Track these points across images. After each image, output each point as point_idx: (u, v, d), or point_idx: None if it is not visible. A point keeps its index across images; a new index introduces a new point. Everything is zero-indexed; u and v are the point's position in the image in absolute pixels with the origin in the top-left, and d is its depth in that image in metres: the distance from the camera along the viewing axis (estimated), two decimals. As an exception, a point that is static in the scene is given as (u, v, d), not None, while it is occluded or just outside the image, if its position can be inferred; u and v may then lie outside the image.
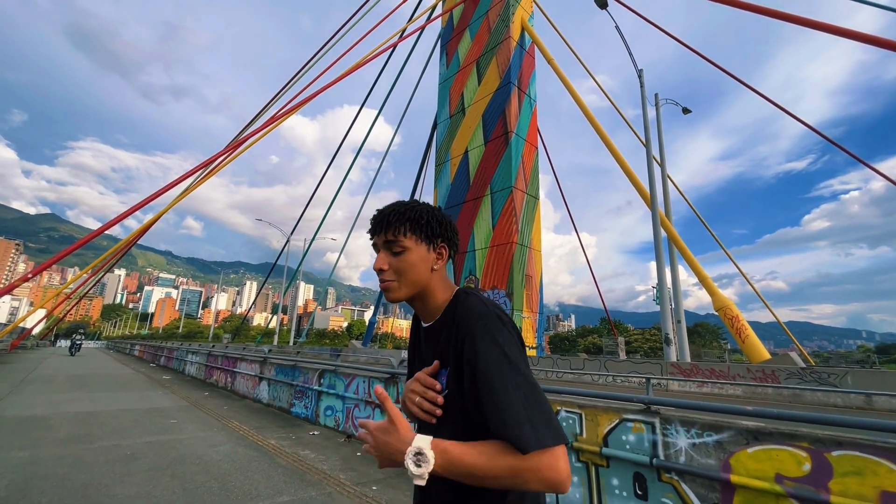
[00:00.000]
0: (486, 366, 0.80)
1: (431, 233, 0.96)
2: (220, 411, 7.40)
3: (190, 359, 14.22)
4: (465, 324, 0.87)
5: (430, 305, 0.97)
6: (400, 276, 0.93)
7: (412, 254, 0.93)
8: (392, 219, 0.94)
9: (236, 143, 15.23)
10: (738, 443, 2.54)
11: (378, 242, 0.96)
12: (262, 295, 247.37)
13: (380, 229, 0.95)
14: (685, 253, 15.59)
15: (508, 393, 0.77)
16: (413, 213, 0.95)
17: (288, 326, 48.70)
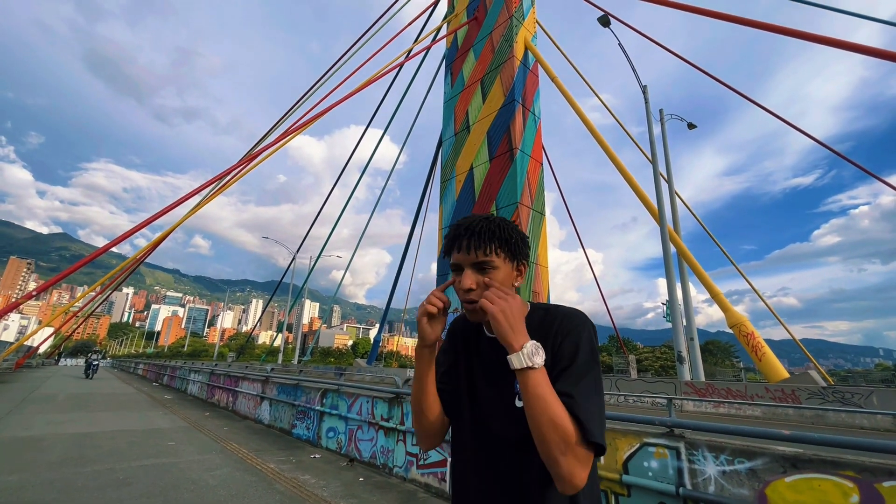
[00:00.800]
0: (585, 365, 0.87)
1: (517, 251, 0.96)
2: (220, 432, 7.18)
3: (192, 378, 14.03)
4: (567, 325, 0.91)
5: None
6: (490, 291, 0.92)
7: (500, 272, 0.94)
8: (483, 236, 0.93)
9: (244, 161, 15.38)
10: (775, 471, 2.32)
11: (465, 262, 0.95)
12: (268, 313, 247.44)
13: (469, 248, 0.94)
14: (696, 268, 15.29)
15: (592, 393, 0.84)
16: (501, 231, 0.95)
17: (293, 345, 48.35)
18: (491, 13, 22.76)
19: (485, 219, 0.97)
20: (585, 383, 0.84)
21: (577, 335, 0.89)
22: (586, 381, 0.85)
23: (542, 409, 0.78)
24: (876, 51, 9.44)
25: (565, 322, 0.92)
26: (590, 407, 0.81)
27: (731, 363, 48.19)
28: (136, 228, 10.71)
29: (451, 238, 0.97)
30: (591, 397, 0.83)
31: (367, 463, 5.22)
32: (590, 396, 0.83)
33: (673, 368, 32.64)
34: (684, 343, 14.96)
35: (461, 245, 0.95)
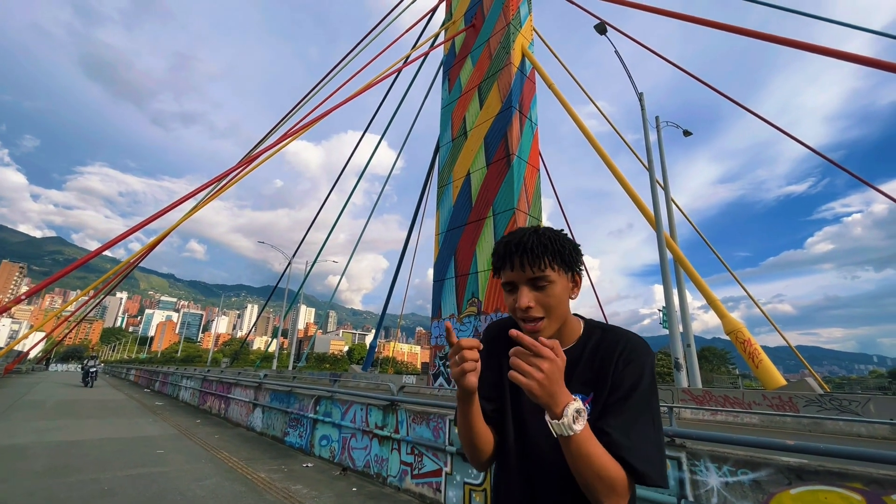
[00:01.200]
0: (644, 397, 0.85)
1: (572, 262, 0.92)
2: (211, 440, 7.02)
3: (184, 384, 13.82)
4: (629, 354, 0.89)
5: (564, 333, 0.96)
6: (549, 312, 0.89)
7: (557, 286, 0.89)
8: (537, 251, 0.89)
9: (241, 165, 15.29)
10: (780, 482, 2.25)
11: (518, 280, 0.90)
12: (263, 318, 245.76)
13: (523, 264, 0.89)
14: (692, 275, 15.30)
15: (649, 430, 0.83)
16: (553, 243, 0.91)
17: (288, 350, 47.93)
18: (488, 21, 22.91)
19: (534, 232, 0.93)
20: (643, 420, 0.84)
21: (640, 365, 0.88)
22: (644, 418, 0.84)
23: (586, 465, 0.76)
24: (868, 59, 9.55)
25: (629, 349, 0.90)
26: (645, 448, 0.81)
27: (727, 370, 48.24)
28: (129, 232, 10.59)
29: (500, 256, 0.93)
30: (647, 435, 0.82)
31: (361, 472, 5.11)
32: (646, 435, 0.82)
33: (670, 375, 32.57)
34: (681, 350, 14.92)
35: (513, 262, 0.90)
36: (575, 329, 0.97)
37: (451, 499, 3.93)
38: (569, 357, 0.92)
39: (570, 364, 0.92)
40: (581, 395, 0.90)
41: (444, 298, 19.39)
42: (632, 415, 0.83)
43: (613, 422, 0.83)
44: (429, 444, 4.33)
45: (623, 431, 0.81)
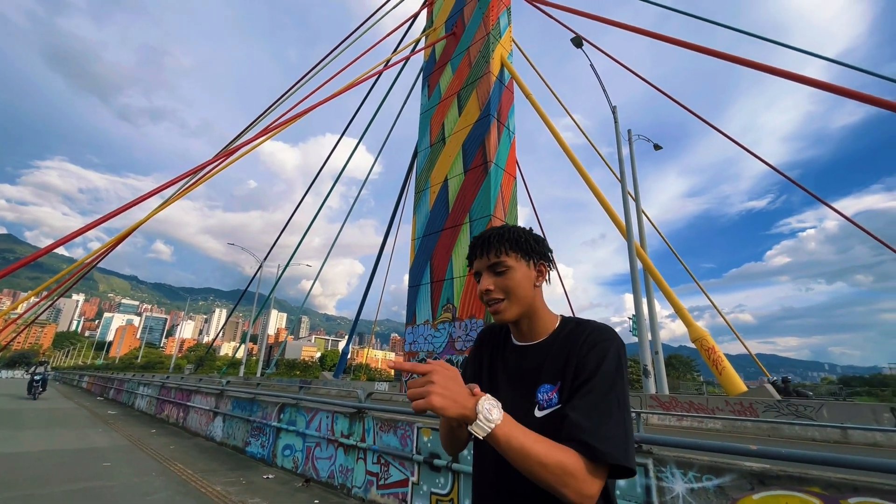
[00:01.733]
0: (607, 378, 0.85)
1: (530, 249, 0.99)
2: (165, 452, 6.61)
3: (141, 391, 13.06)
4: (594, 338, 0.91)
5: (537, 325, 1.00)
6: (508, 295, 0.96)
7: (516, 272, 0.96)
8: (493, 241, 0.98)
9: (213, 161, 14.68)
10: (742, 488, 2.26)
11: (481, 268, 0.99)
12: (232, 323, 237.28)
13: (482, 253, 0.99)
14: (661, 284, 15.73)
15: (612, 411, 0.82)
16: (512, 233, 0.99)
17: (257, 356, 46.30)
18: (469, 29, 23.21)
19: (498, 227, 1.02)
20: (606, 400, 0.83)
21: (603, 347, 0.89)
22: (606, 399, 0.83)
23: (522, 457, 0.74)
24: (823, 83, 10.15)
25: (594, 334, 0.92)
26: (606, 427, 0.79)
27: (692, 377, 49.87)
28: (86, 228, 9.94)
29: (471, 249, 1.01)
30: (609, 416, 0.81)
31: (325, 483, 4.89)
32: (607, 415, 0.81)
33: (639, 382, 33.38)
34: (650, 357, 15.29)
35: (477, 253, 1.00)
36: (549, 323, 1.01)
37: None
38: (540, 349, 0.98)
39: (541, 356, 0.97)
40: (549, 386, 0.92)
41: (419, 304, 19.22)
42: (594, 396, 0.83)
43: (575, 403, 0.84)
44: (396, 453, 4.19)
45: (583, 413, 0.81)
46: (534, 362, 0.97)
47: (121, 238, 13.42)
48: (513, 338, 1.05)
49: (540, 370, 0.95)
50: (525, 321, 1.00)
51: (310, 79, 24.53)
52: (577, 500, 0.74)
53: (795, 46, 15.14)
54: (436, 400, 0.73)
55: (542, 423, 0.88)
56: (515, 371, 1.01)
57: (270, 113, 23.98)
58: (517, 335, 1.04)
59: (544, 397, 0.92)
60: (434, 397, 0.73)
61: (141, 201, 11.82)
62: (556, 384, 0.91)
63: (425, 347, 18.80)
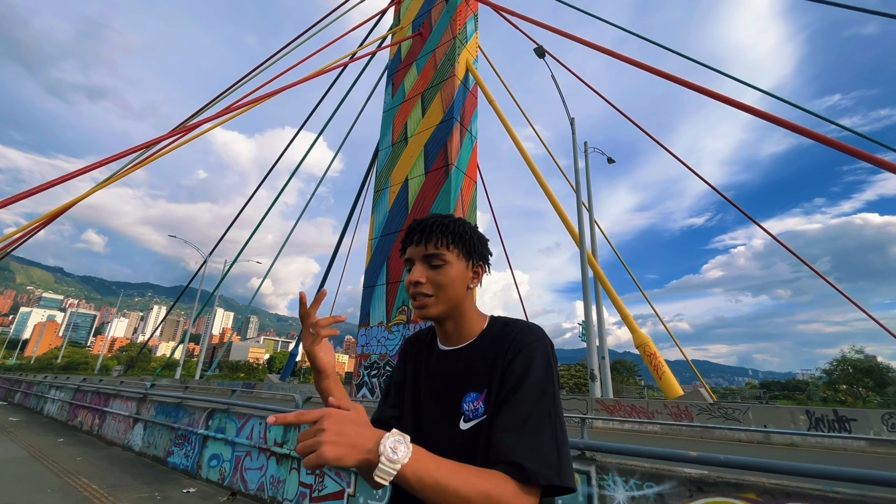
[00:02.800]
0: (536, 388, 0.76)
1: (473, 248, 0.92)
2: (70, 464, 5.83)
3: (52, 395, 11.66)
4: (520, 340, 0.83)
5: (464, 327, 0.91)
6: (438, 291, 0.87)
7: (452, 269, 0.88)
8: (436, 230, 0.89)
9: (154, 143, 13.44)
10: (681, 495, 2.22)
11: (416, 255, 0.90)
12: (172, 321, 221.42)
13: (420, 240, 0.89)
14: (609, 291, 16.37)
15: (542, 424, 0.73)
16: (457, 226, 0.91)
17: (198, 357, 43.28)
18: (436, 31, 23.15)
19: (444, 216, 0.92)
20: (535, 413, 0.74)
21: (531, 350, 0.80)
22: (536, 410, 0.74)
23: (440, 494, 0.62)
24: (759, 111, 10.99)
25: (521, 335, 0.84)
26: (535, 443, 0.70)
27: (634, 381, 52.60)
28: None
29: (406, 233, 0.93)
30: (540, 430, 0.72)
31: (253, 496, 4.48)
32: (537, 429, 0.72)
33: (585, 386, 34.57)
34: (597, 362, 15.81)
35: (414, 238, 0.91)
36: (477, 325, 0.92)
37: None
38: (465, 354, 0.89)
39: (467, 361, 0.88)
40: (475, 394, 0.83)
41: (374, 305, 18.78)
42: (522, 407, 0.74)
43: (501, 418, 0.75)
44: (333, 463, 3.90)
45: (511, 428, 0.72)
46: (459, 368, 0.88)
47: (43, 222, 11.95)
48: (438, 342, 0.96)
49: (465, 377, 0.86)
50: (451, 322, 0.91)
51: (270, 65, 23.44)
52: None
53: (734, 76, 16.42)
54: (328, 451, 0.59)
55: (468, 437, 0.80)
56: (439, 379, 0.91)
57: (226, 97, 22.59)
58: (443, 339, 0.94)
59: (470, 407, 0.82)
60: (326, 448, 0.59)
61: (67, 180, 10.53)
62: (482, 392, 0.82)
63: (378, 350, 18.34)
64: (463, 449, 0.79)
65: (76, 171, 10.81)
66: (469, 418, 0.81)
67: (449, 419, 0.84)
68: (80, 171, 10.84)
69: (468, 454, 0.76)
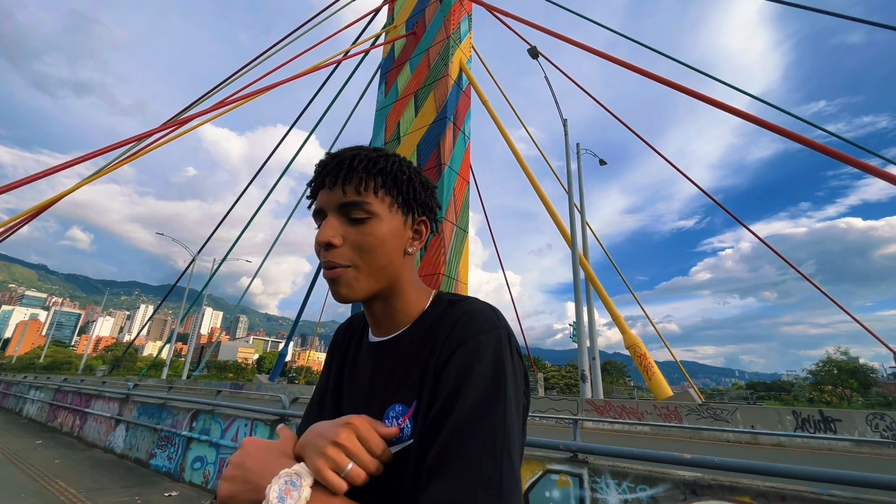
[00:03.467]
0: (471, 399, 0.52)
1: (413, 197, 0.65)
2: (47, 467, 5.65)
3: (32, 395, 11.36)
4: (460, 332, 0.57)
5: (398, 308, 0.65)
6: (362, 257, 0.60)
7: (382, 224, 0.61)
8: (357, 166, 0.61)
9: (141, 138, 13.12)
10: (675, 498, 2.18)
11: (327, 203, 0.62)
12: (159, 321, 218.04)
13: (335, 180, 0.61)
14: (601, 292, 16.44)
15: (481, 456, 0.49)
16: (390, 163, 0.64)
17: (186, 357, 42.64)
18: (429, 30, 23.10)
19: (370, 148, 0.65)
20: (471, 449, 0.49)
21: (472, 351, 0.55)
22: (474, 444, 0.49)
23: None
24: (748, 115, 11.11)
25: (462, 323, 0.58)
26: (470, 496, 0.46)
27: (624, 382, 53.07)
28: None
29: (315, 172, 0.64)
30: (477, 473, 0.48)
31: (238, 500, 4.37)
32: (474, 472, 0.48)
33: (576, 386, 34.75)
34: (587, 363, 15.86)
35: (324, 175, 0.62)
36: (416, 306, 0.66)
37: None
38: (395, 348, 0.64)
39: (396, 358, 0.64)
40: (401, 407, 0.59)
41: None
42: (453, 441, 0.50)
43: (427, 456, 0.51)
44: (320, 465, 3.81)
45: (435, 472, 0.49)
46: (385, 369, 0.64)
47: (26, 218, 11.61)
48: (369, 331, 0.71)
49: (390, 381, 0.62)
50: (379, 303, 0.65)
51: (262, 62, 23.16)
52: None
53: (724, 81, 16.62)
54: (221, 488, 0.51)
55: (392, 465, 0.54)
56: (363, 383, 0.67)
57: (217, 93, 22.28)
58: (372, 326, 0.69)
59: (392, 423, 0.58)
60: (221, 483, 0.51)
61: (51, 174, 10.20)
62: (410, 404, 0.59)
63: (368, 350, 18.18)
64: (385, 479, 0.54)
65: (60, 164, 10.49)
66: (391, 441, 0.55)
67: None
68: (65, 165, 10.54)
69: (391, 486, 0.54)
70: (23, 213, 11.38)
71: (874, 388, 26.93)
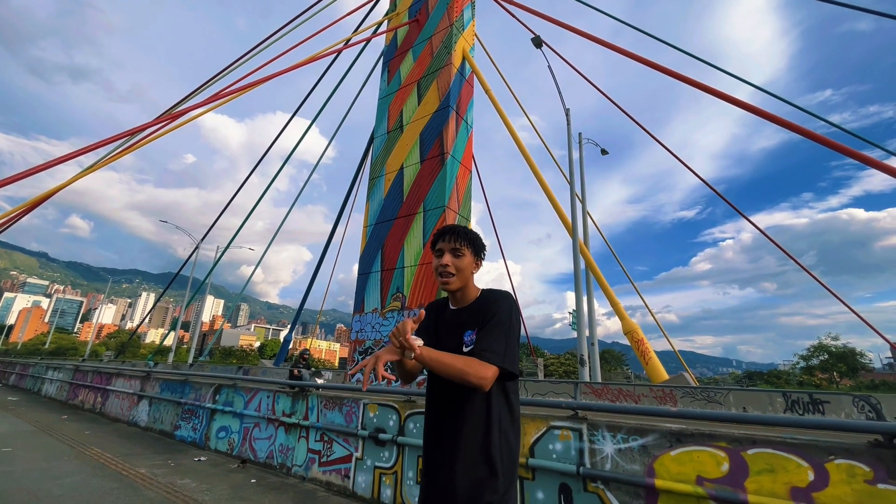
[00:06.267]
0: (497, 321, 1.36)
1: (478, 248, 1.49)
2: (79, 437, 6.03)
3: (50, 376, 11.75)
4: (495, 299, 1.43)
5: (468, 295, 1.48)
6: (458, 272, 1.44)
7: (466, 259, 1.45)
8: (460, 234, 1.46)
9: (142, 129, 13.31)
10: (662, 446, 2.51)
11: (445, 248, 1.45)
12: (161, 308, 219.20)
13: (452, 239, 1.45)
14: (601, 280, 16.74)
15: (498, 336, 1.33)
16: (471, 234, 1.49)
17: (189, 345, 43.23)
18: (432, 18, 22.98)
19: (462, 226, 1.48)
20: (495, 332, 1.33)
21: (497, 306, 1.39)
22: (497, 329, 1.34)
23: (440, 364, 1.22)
24: (751, 106, 11.27)
25: (495, 296, 1.44)
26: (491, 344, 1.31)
27: (621, 370, 53.77)
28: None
29: (438, 234, 1.49)
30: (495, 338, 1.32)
31: (263, 464, 4.73)
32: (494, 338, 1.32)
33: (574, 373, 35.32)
34: (586, 348, 16.26)
35: (446, 238, 1.46)
36: (474, 294, 1.48)
37: (360, 484, 3.80)
38: (467, 311, 1.46)
39: (467, 315, 1.44)
40: (470, 332, 1.39)
41: (369, 292, 18.95)
42: (488, 329, 1.34)
43: (479, 336, 1.35)
44: (340, 430, 4.15)
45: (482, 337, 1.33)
46: (462, 319, 1.44)
47: (27, 208, 11.84)
48: (450, 305, 1.52)
49: (466, 324, 1.42)
50: (460, 292, 1.47)
51: (261, 50, 23.11)
52: (477, 381, 1.21)
53: (728, 71, 16.67)
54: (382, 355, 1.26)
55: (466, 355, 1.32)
56: (451, 326, 1.47)
57: (216, 82, 22.29)
58: (453, 302, 1.50)
59: (468, 339, 1.39)
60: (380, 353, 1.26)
61: (53, 165, 10.47)
62: (474, 330, 1.39)
63: (373, 336, 18.57)
64: None
65: (62, 156, 10.69)
66: (467, 345, 1.38)
67: (456, 347, 1.39)
68: (67, 157, 10.73)
69: None
70: (25, 204, 11.60)
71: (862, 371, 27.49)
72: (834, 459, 2.06)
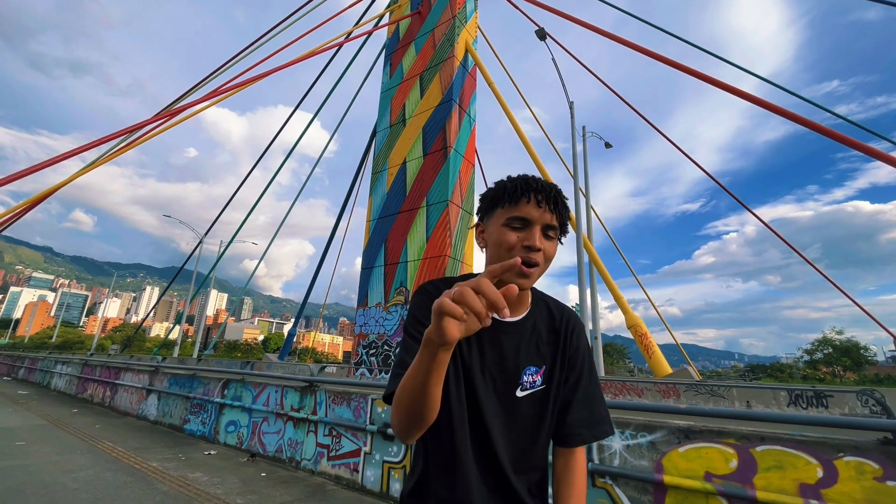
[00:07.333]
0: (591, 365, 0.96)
1: (566, 229, 0.88)
2: (90, 430, 6.12)
3: (59, 370, 11.90)
4: (574, 324, 0.95)
5: (524, 298, 0.92)
6: (545, 263, 0.83)
7: (554, 244, 0.85)
8: (561, 204, 0.85)
9: (144, 124, 13.31)
10: (671, 442, 2.53)
11: (538, 219, 0.82)
12: (165, 303, 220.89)
13: (554, 207, 0.83)
14: (604, 274, 16.73)
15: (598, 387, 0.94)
16: (567, 209, 0.87)
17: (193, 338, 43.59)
18: (434, 10, 22.78)
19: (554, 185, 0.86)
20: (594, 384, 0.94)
21: (583, 333, 0.96)
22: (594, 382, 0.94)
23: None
24: (756, 98, 11.15)
25: (573, 319, 0.95)
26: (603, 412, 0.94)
27: (624, 364, 53.95)
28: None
29: (521, 187, 0.83)
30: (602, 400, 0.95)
31: (272, 457, 4.80)
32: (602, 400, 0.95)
33: (577, 367, 35.31)
34: (590, 341, 16.28)
35: (539, 199, 0.82)
36: (528, 297, 0.93)
37: (370, 478, 3.85)
38: (522, 328, 0.90)
39: (524, 335, 0.90)
40: (534, 368, 0.89)
41: (372, 286, 19.02)
42: (592, 386, 0.93)
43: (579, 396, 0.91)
44: (348, 425, 4.20)
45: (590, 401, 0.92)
46: (517, 342, 0.89)
47: (33, 203, 11.90)
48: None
49: (524, 350, 0.89)
50: (522, 293, 0.90)
51: (262, 44, 22.98)
52: None
53: (733, 62, 16.48)
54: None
55: (522, 402, 0.87)
56: (498, 348, 0.89)
57: (217, 77, 22.19)
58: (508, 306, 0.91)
59: (528, 379, 0.88)
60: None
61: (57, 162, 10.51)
62: (541, 367, 0.89)
63: (376, 330, 18.70)
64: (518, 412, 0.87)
65: (65, 153, 10.70)
66: (526, 388, 0.87)
67: (505, 386, 0.87)
68: (70, 154, 10.75)
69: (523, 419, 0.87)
70: (29, 200, 11.67)
71: (866, 365, 27.50)
72: (843, 457, 2.07)
